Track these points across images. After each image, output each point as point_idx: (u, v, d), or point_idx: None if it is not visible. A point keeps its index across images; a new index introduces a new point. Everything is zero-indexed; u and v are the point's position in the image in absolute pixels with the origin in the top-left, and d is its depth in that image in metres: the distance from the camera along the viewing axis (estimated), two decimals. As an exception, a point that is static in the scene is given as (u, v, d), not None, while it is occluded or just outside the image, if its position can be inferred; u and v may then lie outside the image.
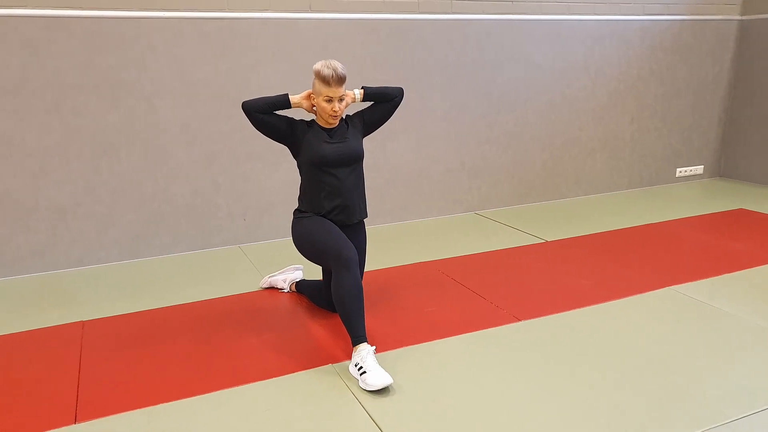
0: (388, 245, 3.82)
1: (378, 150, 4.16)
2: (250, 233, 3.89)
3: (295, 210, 2.66)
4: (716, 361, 2.29)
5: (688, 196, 4.96)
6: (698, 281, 3.08)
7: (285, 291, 3.07)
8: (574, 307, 2.80)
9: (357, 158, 2.58)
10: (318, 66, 2.43)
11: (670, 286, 3.03)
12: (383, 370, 2.17)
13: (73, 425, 1.97)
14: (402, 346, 2.47)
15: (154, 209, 3.61)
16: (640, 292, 2.97)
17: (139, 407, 2.07)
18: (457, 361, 2.34)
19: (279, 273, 3.12)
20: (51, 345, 2.54)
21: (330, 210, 2.54)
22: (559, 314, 2.74)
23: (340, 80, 2.42)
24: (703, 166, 5.53)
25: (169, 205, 3.64)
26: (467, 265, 3.42)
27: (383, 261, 3.50)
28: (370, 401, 2.08)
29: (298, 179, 2.79)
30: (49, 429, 1.94)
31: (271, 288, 3.12)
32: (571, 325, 2.62)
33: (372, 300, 2.92)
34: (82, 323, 2.74)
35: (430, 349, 2.45)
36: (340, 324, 2.68)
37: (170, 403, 2.09)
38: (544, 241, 3.84)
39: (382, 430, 1.91)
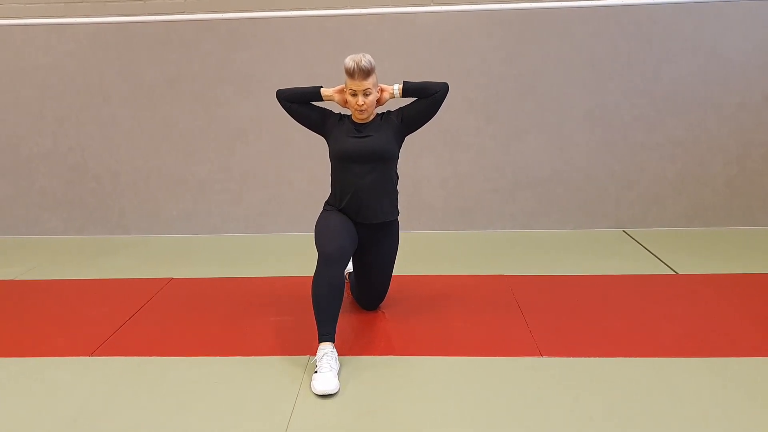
0: (484, 252, 3.56)
1: (500, 149, 3.87)
2: (364, 223, 4.01)
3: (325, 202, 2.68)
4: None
5: None
6: None
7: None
8: (628, 355, 2.27)
9: (379, 156, 2.47)
10: (346, 59, 2.41)
11: (793, 356, 2.22)
12: (333, 375, 2.09)
13: (85, 357, 2.37)
14: (391, 354, 2.34)
15: (276, 191, 3.99)
16: (737, 354, 2.25)
17: (144, 355, 2.37)
18: (428, 383, 2.12)
19: (339, 262, 3.18)
20: (130, 293, 3.03)
21: (345, 206, 2.52)
22: (596, 358, 2.25)
23: (363, 73, 2.36)
24: None
25: (289, 189, 3.98)
26: (549, 286, 3.00)
27: (458, 268, 3.29)
28: (306, 400, 2.03)
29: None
30: (65, 356, 2.38)
31: (334, 276, 3.20)
32: (600, 374, 2.14)
33: (408, 304, 2.80)
34: (169, 279, 3.23)
35: (415, 364, 2.26)
36: (355, 319, 2.65)
37: (163, 357, 2.35)
38: (673, 273, 3.13)
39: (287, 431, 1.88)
